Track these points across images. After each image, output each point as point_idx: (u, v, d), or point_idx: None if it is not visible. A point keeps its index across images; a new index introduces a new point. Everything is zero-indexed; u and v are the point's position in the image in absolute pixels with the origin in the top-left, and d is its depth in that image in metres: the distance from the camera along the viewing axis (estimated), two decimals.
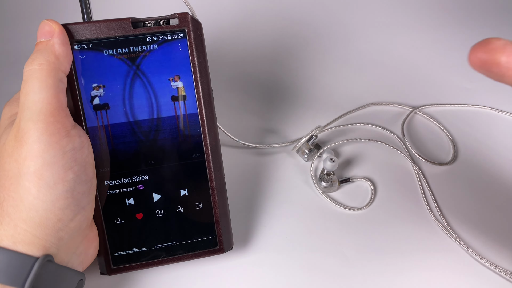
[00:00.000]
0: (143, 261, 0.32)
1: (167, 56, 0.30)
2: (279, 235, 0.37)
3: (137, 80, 0.30)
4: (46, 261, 0.25)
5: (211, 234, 0.33)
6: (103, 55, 0.29)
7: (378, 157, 0.44)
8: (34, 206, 0.25)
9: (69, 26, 0.28)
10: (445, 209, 0.40)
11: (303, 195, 0.41)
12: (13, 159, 0.25)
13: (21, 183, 0.25)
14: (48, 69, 0.26)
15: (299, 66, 0.54)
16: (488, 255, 0.36)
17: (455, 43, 0.58)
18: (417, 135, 0.46)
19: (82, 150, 0.27)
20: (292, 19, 0.60)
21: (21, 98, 0.26)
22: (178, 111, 0.31)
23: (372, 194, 0.41)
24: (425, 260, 0.36)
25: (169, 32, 0.30)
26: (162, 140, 0.31)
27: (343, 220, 0.39)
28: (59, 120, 0.26)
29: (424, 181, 0.42)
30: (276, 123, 0.47)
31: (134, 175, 0.31)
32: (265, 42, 0.57)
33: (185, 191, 0.32)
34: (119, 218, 0.31)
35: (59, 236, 0.26)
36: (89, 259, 0.30)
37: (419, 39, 0.58)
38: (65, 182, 0.26)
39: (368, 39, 0.58)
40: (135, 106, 0.30)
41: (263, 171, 0.42)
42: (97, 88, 0.29)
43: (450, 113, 0.49)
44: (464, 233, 0.38)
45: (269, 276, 0.35)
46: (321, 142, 0.45)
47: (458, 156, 0.44)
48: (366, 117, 0.48)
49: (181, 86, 0.31)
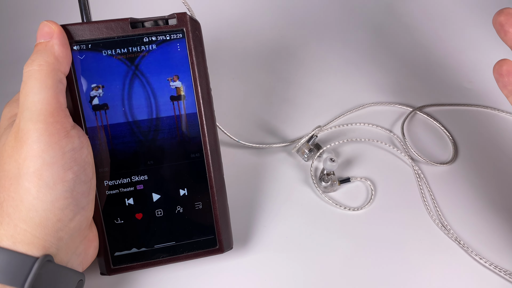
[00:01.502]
0: (143, 261, 0.32)
1: (165, 56, 0.30)
2: (279, 235, 0.37)
3: (136, 80, 0.30)
4: (46, 261, 0.25)
5: (210, 234, 0.33)
6: (102, 56, 0.29)
7: (378, 157, 0.44)
8: (33, 206, 0.25)
9: (68, 27, 0.29)
10: (445, 209, 0.40)
11: (303, 195, 0.41)
12: (13, 159, 0.26)
13: (21, 183, 0.25)
14: (47, 70, 0.26)
15: (299, 65, 0.54)
16: (488, 255, 0.36)
17: (455, 43, 0.58)
18: (417, 135, 0.46)
19: (82, 151, 0.27)
20: (292, 18, 0.60)
21: (21, 98, 0.26)
22: (177, 111, 0.31)
23: (372, 194, 0.41)
24: (425, 260, 0.36)
25: (168, 32, 0.30)
26: (161, 140, 0.31)
27: (343, 220, 0.39)
28: (59, 120, 0.26)
29: (424, 181, 0.42)
30: (276, 123, 0.47)
31: (133, 175, 0.31)
32: (265, 41, 0.57)
33: (184, 191, 0.32)
34: (119, 218, 0.31)
35: (59, 236, 0.26)
36: (89, 259, 0.30)
37: (419, 39, 0.58)
38: (65, 182, 0.26)
39: (368, 39, 0.58)
40: (134, 106, 0.30)
41: (263, 171, 0.42)
42: (96, 88, 0.30)
43: (450, 113, 0.49)
44: (464, 233, 0.38)
45: (269, 276, 0.35)
46: (321, 142, 0.45)
47: (458, 156, 0.44)
48: (366, 117, 0.48)
49: (180, 86, 0.31)
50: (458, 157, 0.44)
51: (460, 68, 0.54)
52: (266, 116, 0.48)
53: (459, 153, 0.45)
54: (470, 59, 0.55)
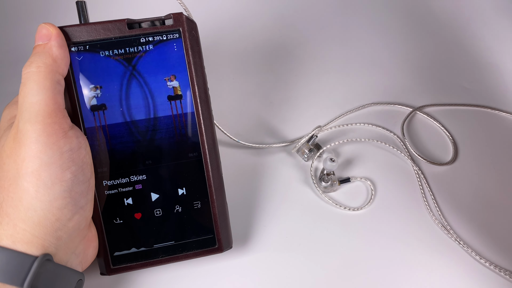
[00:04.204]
0: (142, 261, 0.32)
1: (162, 56, 0.30)
2: (278, 234, 0.37)
3: (134, 81, 0.30)
4: (45, 260, 0.25)
5: (210, 233, 0.33)
6: (100, 57, 0.30)
7: (378, 157, 0.44)
8: (32, 206, 0.25)
9: (65, 29, 0.29)
10: (445, 209, 0.40)
11: (303, 195, 0.41)
12: (11, 160, 0.26)
13: (20, 184, 0.25)
14: (45, 71, 0.26)
15: (299, 65, 0.54)
16: (488, 255, 0.36)
17: (455, 43, 0.58)
18: (417, 135, 0.46)
19: (80, 151, 0.28)
20: (291, 18, 0.60)
21: (20, 100, 0.26)
22: (174, 110, 0.31)
23: (372, 194, 0.41)
24: (425, 260, 0.36)
25: (164, 33, 0.30)
26: (159, 139, 0.31)
27: (343, 220, 0.39)
28: (57, 121, 0.26)
29: (424, 181, 0.42)
30: (276, 123, 0.47)
31: (132, 175, 0.31)
32: (265, 41, 0.57)
33: (183, 190, 0.32)
34: (118, 218, 0.31)
35: (58, 235, 0.26)
36: (88, 259, 0.31)
37: (419, 39, 0.58)
38: (63, 182, 0.26)
39: (368, 39, 0.58)
40: (132, 106, 0.30)
41: (263, 171, 0.42)
42: (94, 89, 0.30)
43: (450, 113, 0.49)
44: (464, 233, 0.38)
45: (269, 275, 0.35)
46: (321, 142, 0.45)
47: (458, 156, 0.44)
48: (366, 117, 0.48)
49: (177, 86, 0.31)
50: (458, 157, 0.44)
51: (460, 68, 0.54)
52: (266, 116, 0.48)
53: (459, 153, 0.45)
54: (470, 59, 0.55)
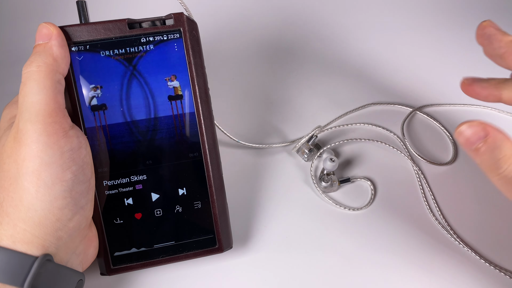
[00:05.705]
0: (142, 261, 0.32)
1: (163, 56, 0.30)
2: (278, 234, 0.37)
3: (134, 81, 0.30)
4: (45, 260, 0.25)
5: (210, 233, 0.33)
6: (100, 56, 0.30)
7: (378, 157, 0.44)
8: (33, 206, 0.25)
9: (66, 28, 0.29)
10: (445, 209, 0.40)
11: (303, 195, 0.41)
12: (12, 159, 0.26)
13: (20, 183, 0.25)
14: (46, 71, 0.26)
15: (299, 65, 0.54)
16: (488, 255, 0.36)
17: (455, 43, 0.58)
18: (417, 135, 0.46)
19: (80, 151, 0.27)
20: (291, 18, 0.60)
21: (20, 99, 0.26)
22: (175, 110, 0.31)
23: (372, 194, 0.41)
24: (425, 260, 0.36)
25: (165, 33, 0.30)
26: (159, 139, 0.31)
27: (343, 220, 0.39)
28: (57, 121, 0.26)
29: (424, 181, 0.42)
30: (276, 123, 0.47)
31: (132, 175, 0.31)
32: (265, 41, 0.57)
33: (183, 190, 0.32)
34: (118, 218, 0.31)
35: (58, 235, 0.26)
36: (89, 260, 0.30)
37: (419, 39, 0.58)
38: (63, 182, 0.26)
39: (368, 39, 0.58)
40: (132, 106, 0.30)
41: (263, 171, 0.42)
42: (95, 89, 0.30)
43: (450, 113, 0.49)
44: (464, 233, 0.38)
45: (269, 275, 0.35)
46: (321, 142, 0.45)
47: (458, 156, 0.44)
48: (366, 117, 0.48)
49: (178, 86, 0.31)
50: (458, 157, 0.44)
51: (460, 68, 0.54)
52: (266, 116, 0.48)
53: (459, 153, 0.45)
54: (470, 59, 0.55)
